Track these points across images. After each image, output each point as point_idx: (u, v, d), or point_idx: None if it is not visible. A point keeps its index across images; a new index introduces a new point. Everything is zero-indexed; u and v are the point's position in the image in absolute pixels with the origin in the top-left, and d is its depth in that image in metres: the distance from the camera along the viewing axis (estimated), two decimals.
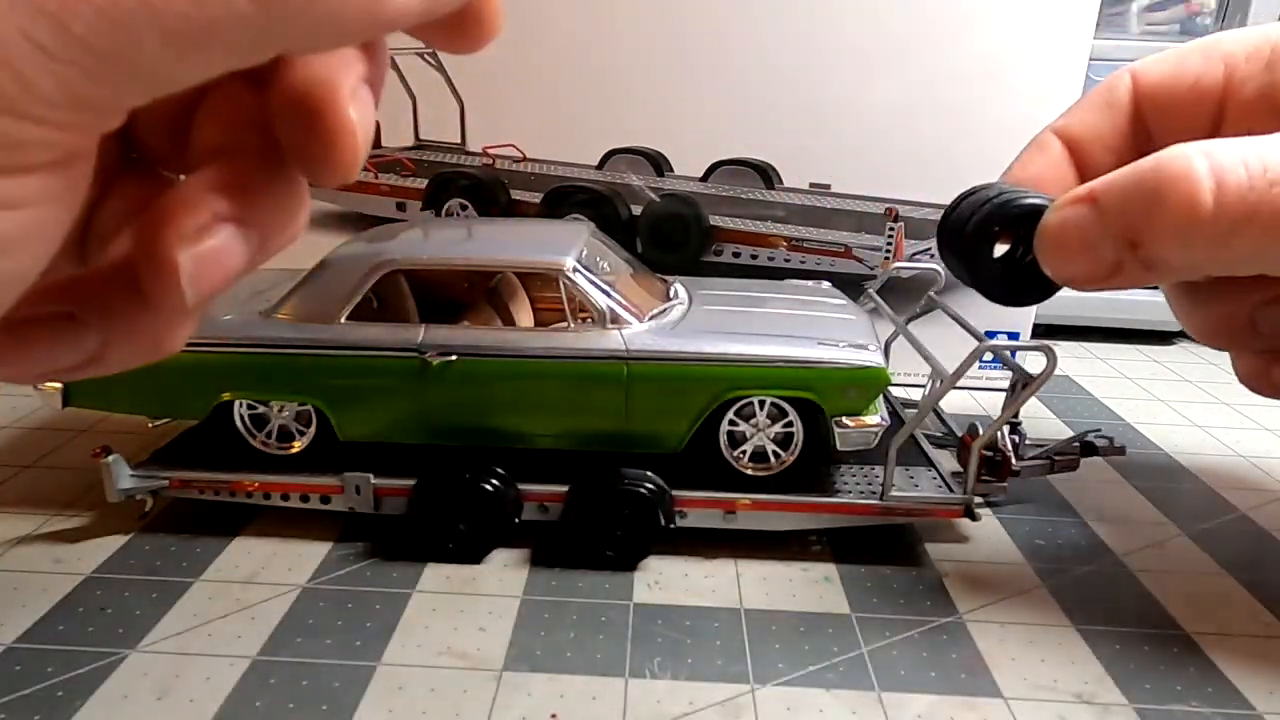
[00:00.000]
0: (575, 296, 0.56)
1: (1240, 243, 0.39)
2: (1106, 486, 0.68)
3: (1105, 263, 0.43)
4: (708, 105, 0.81)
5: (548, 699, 0.44)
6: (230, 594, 0.51)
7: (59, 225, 0.20)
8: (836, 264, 0.84)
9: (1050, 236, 0.44)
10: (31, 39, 0.16)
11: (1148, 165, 0.41)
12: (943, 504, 0.56)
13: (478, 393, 0.56)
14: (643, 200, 0.84)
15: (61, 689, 0.44)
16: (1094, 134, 0.53)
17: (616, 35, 0.80)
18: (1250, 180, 0.38)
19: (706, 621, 0.50)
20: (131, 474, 0.56)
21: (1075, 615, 0.51)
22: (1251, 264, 0.41)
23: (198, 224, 0.21)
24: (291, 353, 0.56)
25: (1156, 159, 0.41)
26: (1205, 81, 0.50)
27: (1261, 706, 0.45)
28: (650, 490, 0.54)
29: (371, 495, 0.56)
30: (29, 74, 0.16)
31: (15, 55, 0.16)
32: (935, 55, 0.78)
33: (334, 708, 0.43)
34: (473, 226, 0.71)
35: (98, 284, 0.23)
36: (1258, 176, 0.38)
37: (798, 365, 0.55)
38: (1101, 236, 0.42)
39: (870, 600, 0.52)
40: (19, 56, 0.16)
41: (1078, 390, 0.87)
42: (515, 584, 0.53)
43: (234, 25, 0.17)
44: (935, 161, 0.80)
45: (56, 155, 0.18)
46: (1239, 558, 0.58)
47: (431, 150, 0.85)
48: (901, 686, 0.45)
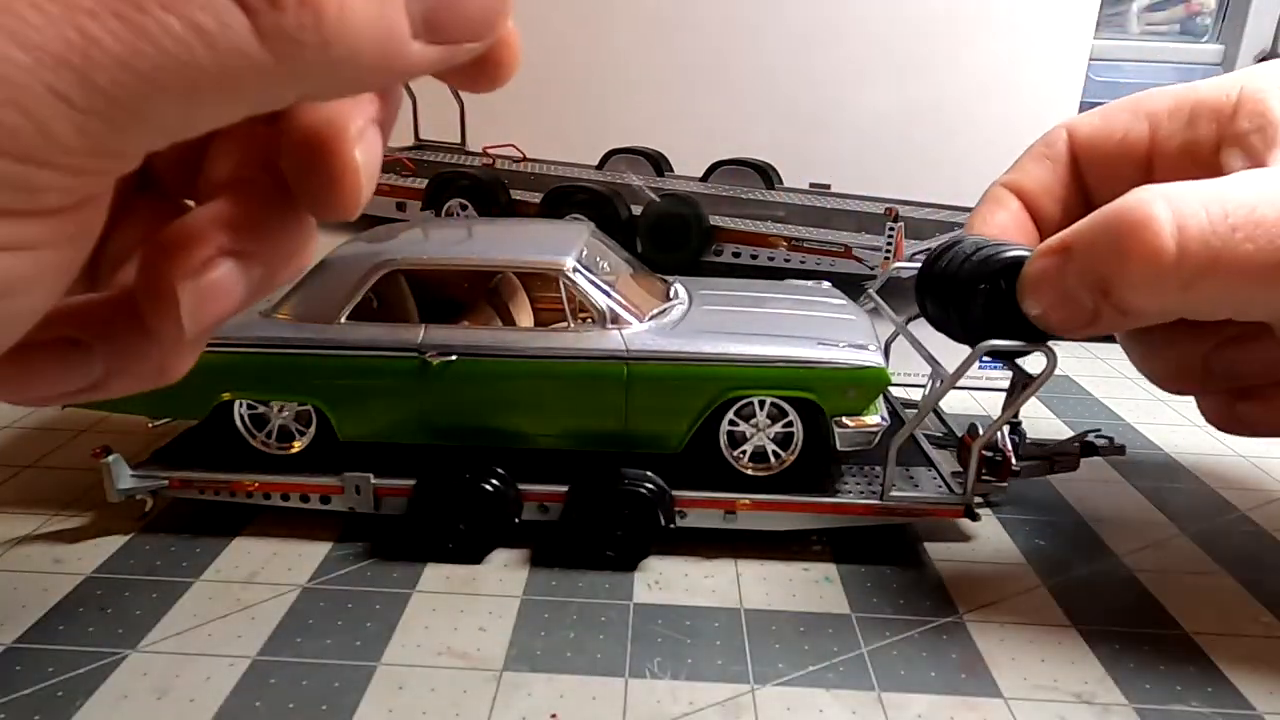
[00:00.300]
0: (575, 296, 0.56)
1: (1207, 285, 0.40)
2: (1106, 486, 0.68)
3: (1084, 310, 0.44)
4: (708, 105, 0.81)
5: (548, 699, 0.44)
6: (230, 594, 0.51)
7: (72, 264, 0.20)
8: (836, 264, 0.84)
9: (1030, 287, 0.46)
10: (55, 90, 0.16)
11: (1111, 212, 0.42)
12: (943, 504, 0.56)
13: (478, 393, 0.56)
14: (643, 200, 0.84)
15: (61, 689, 0.44)
16: (1041, 186, 0.55)
17: (617, 35, 0.80)
18: (1212, 224, 0.39)
19: (706, 621, 0.50)
20: (131, 474, 0.56)
21: (1075, 615, 0.51)
22: (1222, 306, 0.42)
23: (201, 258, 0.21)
24: (291, 353, 0.56)
25: (1119, 205, 0.41)
26: (1132, 137, 0.52)
27: (1261, 706, 0.45)
28: (650, 490, 0.54)
29: (371, 495, 0.56)
30: (51, 124, 0.16)
31: (38, 106, 0.16)
32: (935, 55, 0.78)
33: (334, 708, 0.43)
34: (473, 226, 0.71)
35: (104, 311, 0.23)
36: (1219, 220, 0.39)
37: (798, 365, 0.55)
38: (1077, 284, 0.43)
39: (870, 600, 0.52)
40: (42, 107, 0.16)
41: (1078, 390, 0.87)
42: (515, 584, 0.53)
43: (253, 76, 0.17)
44: (936, 161, 0.80)
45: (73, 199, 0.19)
46: (1239, 558, 0.58)
47: (431, 150, 0.85)
48: (901, 686, 0.45)
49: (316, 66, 0.18)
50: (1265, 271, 0.39)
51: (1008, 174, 0.57)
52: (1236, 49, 1.08)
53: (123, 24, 0.16)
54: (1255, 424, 0.52)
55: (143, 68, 0.16)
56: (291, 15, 0.17)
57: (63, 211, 0.19)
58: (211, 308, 0.22)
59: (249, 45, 0.17)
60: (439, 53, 0.19)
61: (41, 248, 0.19)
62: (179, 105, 0.17)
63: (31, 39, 0.16)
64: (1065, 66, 0.77)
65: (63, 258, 0.20)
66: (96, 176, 0.19)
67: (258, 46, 0.17)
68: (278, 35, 0.17)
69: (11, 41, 0.15)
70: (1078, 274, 0.43)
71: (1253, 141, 0.45)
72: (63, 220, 0.19)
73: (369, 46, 0.18)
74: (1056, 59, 0.77)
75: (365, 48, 0.18)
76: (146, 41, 0.16)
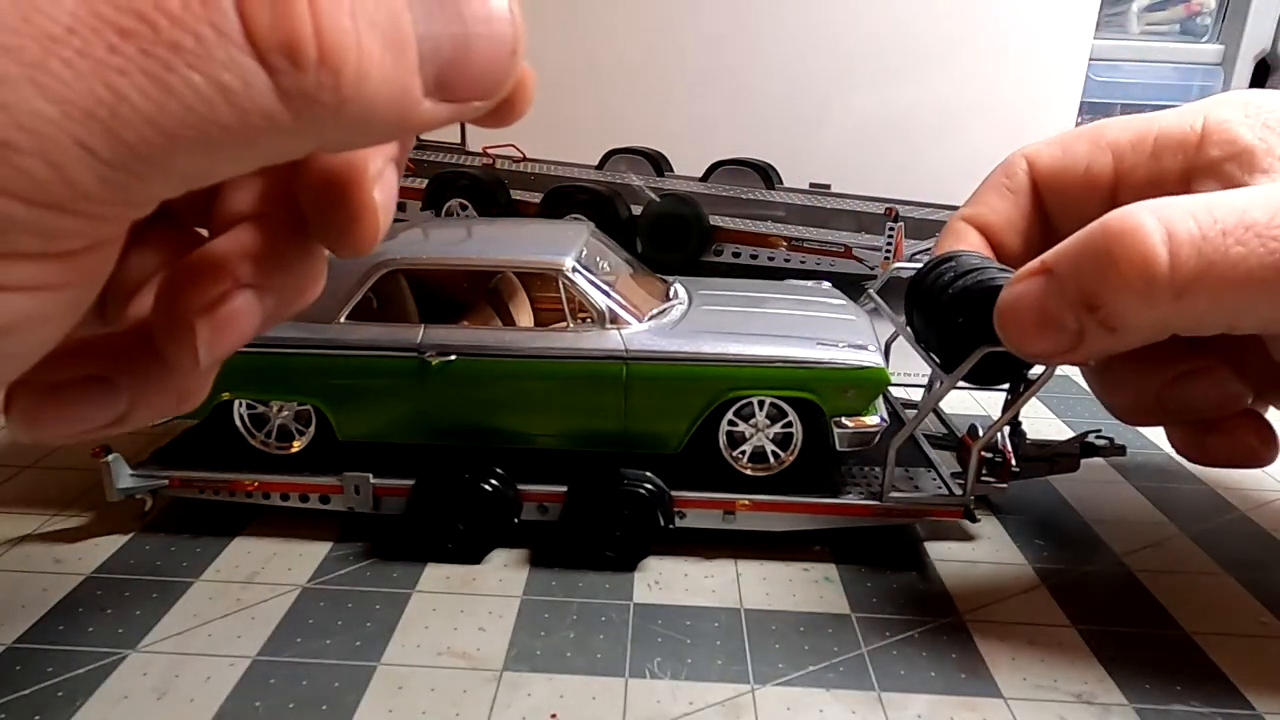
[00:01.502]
0: (575, 296, 0.56)
1: (1200, 294, 0.39)
2: (1106, 486, 0.68)
3: (1068, 332, 0.42)
4: (708, 105, 0.81)
5: (548, 699, 0.44)
6: (230, 594, 0.51)
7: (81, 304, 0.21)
8: (836, 264, 0.84)
9: (1008, 313, 0.44)
10: (81, 143, 0.17)
11: (1096, 227, 0.41)
12: (942, 505, 0.56)
13: (477, 393, 0.56)
14: (643, 200, 0.84)
15: (61, 689, 0.44)
16: (1002, 219, 0.55)
17: (617, 35, 0.80)
18: (1202, 231, 0.39)
19: (706, 621, 0.50)
20: (131, 473, 0.56)
21: (1075, 615, 0.51)
22: (1214, 318, 0.41)
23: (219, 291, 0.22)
24: (291, 352, 0.56)
25: (1104, 220, 0.41)
26: (1095, 169, 0.51)
27: (1261, 706, 0.45)
28: (650, 491, 0.54)
29: (371, 495, 0.56)
30: (76, 174, 0.17)
31: (64, 157, 0.17)
32: (936, 56, 0.78)
33: (334, 708, 0.43)
34: (473, 226, 0.71)
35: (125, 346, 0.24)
36: (1208, 227, 0.39)
37: (797, 365, 0.55)
38: (1059, 305, 0.42)
39: (870, 600, 0.52)
40: (68, 158, 0.17)
41: (1078, 390, 0.87)
42: (515, 584, 0.53)
43: (273, 132, 0.18)
44: (936, 161, 0.80)
45: (87, 243, 0.19)
46: (1239, 558, 0.58)
47: (431, 150, 0.85)
48: (901, 686, 0.45)
49: (333, 123, 0.18)
50: (1258, 276, 0.38)
51: (967, 206, 0.56)
52: (1236, 49, 1.08)
53: (151, 81, 0.16)
54: (1219, 456, 0.52)
55: (168, 124, 0.17)
56: (312, 76, 0.17)
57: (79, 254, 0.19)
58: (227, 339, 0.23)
59: (270, 104, 0.17)
60: (449, 110, 0.20)
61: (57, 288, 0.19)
62: (200, 158, 0.18)
63: (60, 93, 0.16)
64: (1065, 66, 0.77)
65: (75, 297, 0.20)
66: (113, 222, 0.19)
67: (279, 105, 0.17)
68: (298, 95, 0.17)
69: (41, 95, 0.16)
70: (1061, 293, 0.42)
71: (1228, 169, 0.45)
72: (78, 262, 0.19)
73: (384, 105, 0.19)
74: (1056, 59, 0.77)
75: (380, 106, 0.19)
76: (173, 99, 0.17)
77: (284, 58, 0.17)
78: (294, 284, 0.24)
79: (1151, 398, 0.51)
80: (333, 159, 0.22)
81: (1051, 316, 0.42)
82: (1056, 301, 0.42)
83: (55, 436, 0.24)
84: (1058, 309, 0.42)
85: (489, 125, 0.23)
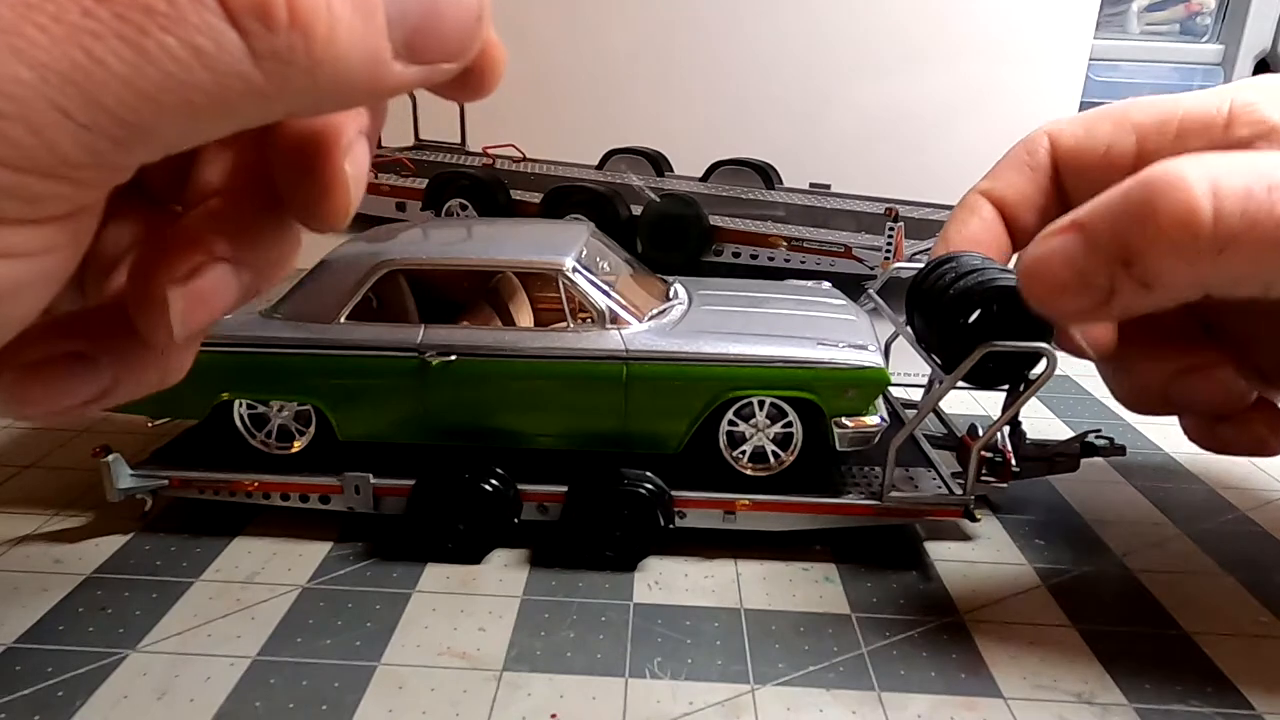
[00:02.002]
0: (575, 296, 0.56)
1: (1243, 251, 0.37)
2: (1106, 486, 0.68)
3: (1097, 289, 0.40)
4: (708, 105, 0.81)
5: (548, 699, 0.44)
6: (230, 594, 0.51)
7: (64, 270, 0.21)
8: (836, 264, 0.84)
9: (1034, 269, 0.42)
10: (60, 107, 0.17)
11: (1134, 180, 0.39)
12: (942, 505, 0.56)
13: (477, 393, 0.56)
14: (643, 200, 0.84)
15: (61, 689, 0.44)
16: (1020, 195, 0.54)
17: (616, 35, 0.80)
18: (1248, 186, 0.37)
19: (706, 621, 0.50)
20: (131, 473, 0.56)
21: (1075, 615, 0.51)
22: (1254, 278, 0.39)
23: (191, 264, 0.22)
24: (291, 352, 0.56)
25: (1144, 174, 0.38)
26: (1117, 150, 0.51)
27: (1261, 706, 0.45)
28: (650, 491, 0.54)
29: (371, 495, 0.56)
30: (54, 138, 0.17)
31: (43, 122, 0.17)
32: (936, 55, 0.78)
33: (334, 708, 0.43)
34: (472, 226, 0.71)
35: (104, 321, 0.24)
36: (1256, 182, 0.37)
37: (797, 365, 0.55)
38: (1090, 261, 0.40)
39: (870, 600, 0.52)
40: (47, 123, 0.17)
41: (1078, 390, 0.87)
42: (515, 584, 0.53)
43: (246, 94, 0.18)
44: (936, 161, 0.80)
45: (70, 208, 0.19)
46: (1239, 558, 0.58)
47: (431, 150, 0.85)
48: (901, 686, 0.45)
49: (306, 85, 0.19)
50: None
51: (985, 181, 0.56)
52: (1236, 49, 1.08)
53: (126, 45, 0.17)
54: (1230, 444, 0.52)
55: (144, 87, 0.17)
56: (284, 38, 0.18)
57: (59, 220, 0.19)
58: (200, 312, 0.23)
59: (244, 66, 0.18)
60: (419, 72, 0.21)
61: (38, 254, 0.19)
62: (177, 122, 0.18)
63: (37, 58, 0.16)
64: (1065, 66, 0.78)
65: (56, 264, 0.20)
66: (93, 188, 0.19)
67: (252, 67, 0.18)
68: (271, 57, 0.18)
69: (18, 60, 0.16)
70: (1094, 248, 0.40)
71: (1259, 147, 0.45)
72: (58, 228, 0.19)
73: (355, 67, 0.19)
74: (1056, 59, 0.77)
75: (351, 68, 0.19)
76: (148, 62, 0.17)
77: (256, 20, 0.17)
78: (268, 258, 0.24)
79: (1159, 389, 0.51)
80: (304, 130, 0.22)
81: (1082, 272, 0.40)
82: (1089, 256, 0.40)
83: (40, 414, 0.24)
84: (1089, 264, 0.40)
85: (463, 98, 0.23)
